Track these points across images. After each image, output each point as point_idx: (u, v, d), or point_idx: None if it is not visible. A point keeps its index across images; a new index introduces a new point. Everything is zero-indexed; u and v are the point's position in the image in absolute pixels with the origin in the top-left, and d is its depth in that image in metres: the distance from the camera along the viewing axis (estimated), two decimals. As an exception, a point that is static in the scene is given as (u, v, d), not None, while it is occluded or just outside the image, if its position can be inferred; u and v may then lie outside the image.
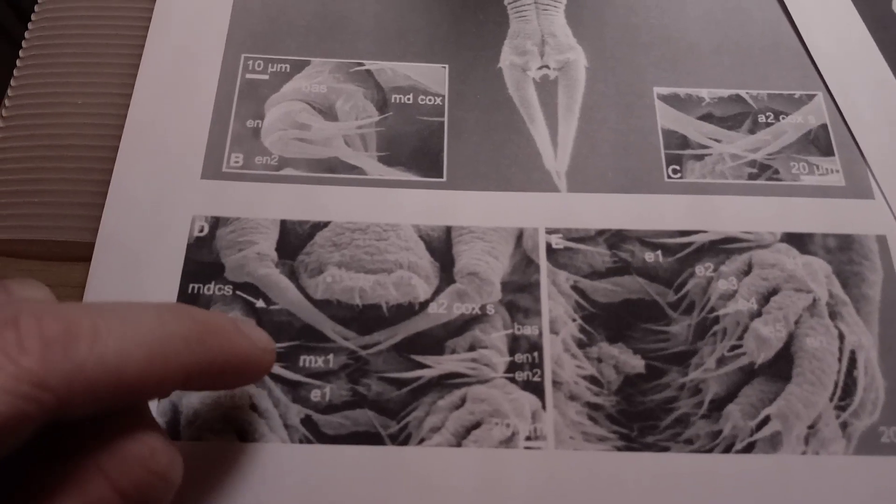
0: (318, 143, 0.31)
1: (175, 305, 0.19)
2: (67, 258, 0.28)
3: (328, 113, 0.31)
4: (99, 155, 0.30)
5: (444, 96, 0.32)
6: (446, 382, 0.26)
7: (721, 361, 0.27)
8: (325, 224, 0.29)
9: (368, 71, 0.32)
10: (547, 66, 0.33)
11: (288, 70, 0.32)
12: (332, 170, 0.30)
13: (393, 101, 0.32)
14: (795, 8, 0.34)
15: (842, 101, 0.32)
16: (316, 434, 0.25)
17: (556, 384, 0.27)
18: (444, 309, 0.28)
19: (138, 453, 0.17)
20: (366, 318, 0.27)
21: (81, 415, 0.16)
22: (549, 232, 0.29)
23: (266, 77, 0.32)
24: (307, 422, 0.26)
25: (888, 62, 0.33)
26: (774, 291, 0.28)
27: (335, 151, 0.30)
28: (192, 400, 0.26)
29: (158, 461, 0.17)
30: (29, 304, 0.16)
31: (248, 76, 0.32)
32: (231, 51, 0.32)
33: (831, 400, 0.27)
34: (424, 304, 0.28)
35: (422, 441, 0.25)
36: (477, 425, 0.26)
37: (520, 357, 0.27)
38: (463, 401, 0.26)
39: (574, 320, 0.28)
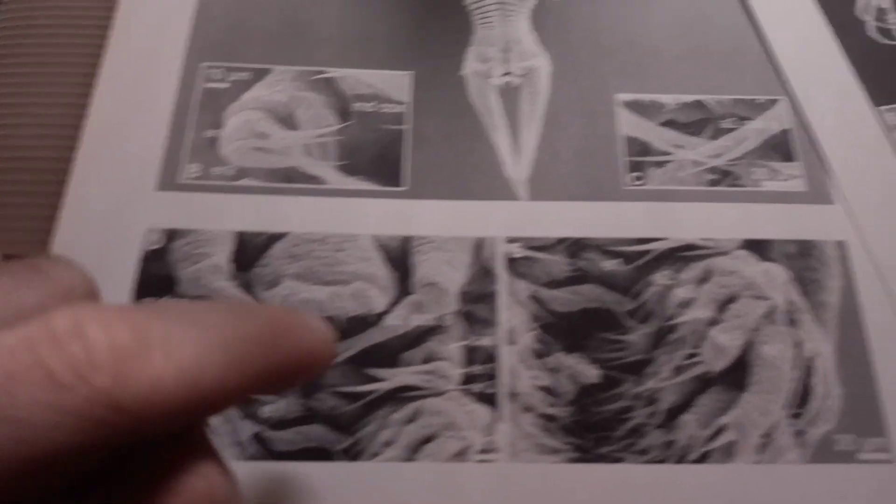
0: (277, 152, 0.30)
1: (243, 304, 0.17)
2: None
3: (288, 122, 0.31)
4: (56, 167, 0.30)
5: (406, 104, 0.32)
6: (400, 396, 0.26)
7: (677, 370, 0.27)
8: (283, 235, 0.29)
9: (330, 79, 0.32)
10: (510, 73, 0.33)
11: (248, 78, 0.32)
12: (291, 179, 0.30)
13: (354, 109, 0.32)
14: (760, 13, 0.34)
15: (805, 106, 0.32)
16: (267, 450, 0.25)
17: (512, 395, 0.27)
18: (400, 320, 0.28)
19: (198, 490, 0.15)
20: (321, 330, 0.27)
21: (153, 435, 0.14)
22: (509, 241, 0.29)
23: (226, 86, 0.32)
24: (258, 438, 0.26)
25: (852, 66, 0.33)
26: (732, 299, 0.28)
27: (294, 161, 0.30)
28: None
29: (218, 497, 0.15)
30: (88, 307, 0.14)
31: (208, 85, 0.32)
32: (191, 60, 0.32)
33: (787, 408, 0.27)
34: (381, 316, 0.28)
35: (374, 456, 0.25)
36: (430, 439, 0.26)
37: (475, 368, 0.27)
38: (417, 414, 0.26)
39: (531, 330, 0.28)
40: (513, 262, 0.29)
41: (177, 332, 0.14)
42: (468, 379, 0.27)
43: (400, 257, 0.29)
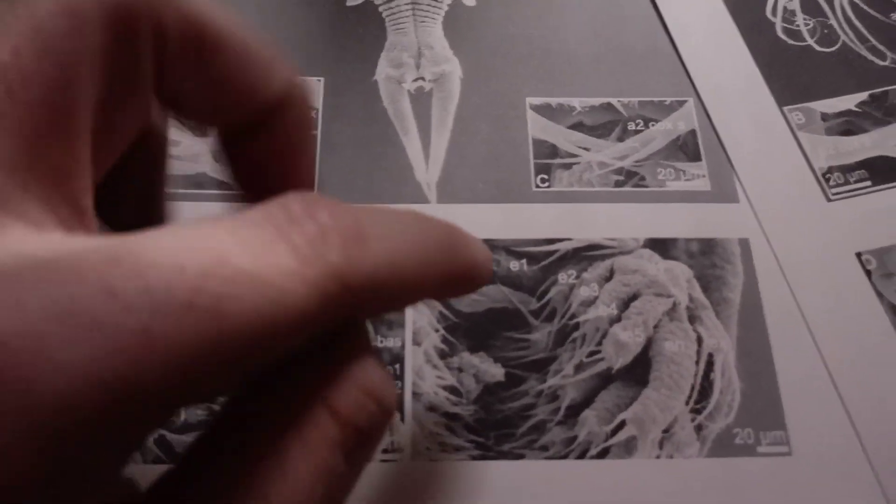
0: (187, 158, 0.31)
1: (425, 213, 0.17)
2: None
3: (198, 129, 0.31)
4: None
5: (317, 110, 0.32)
6: (305, 397, 0.27)
7: (579, 367, 0.27)
8: (190, 241, 0.29)
9: (243, 86, 0.32)
10: (422, 78, 0.33)
11: (161, 87, 0.32)
12: (200, 186, 0.30)
13: (266, 115, 0.32)
14: (669, 13, 0.35)
15: (711, 106, 0.33)
16: (169, 454, 0.25)
17: (416, 395, 0.27)
18: (306, 323, 0.28)
19: (360, 378, 0.15)
20: (225, 334, 0.27)
21: (356, 319, 0.15)
22: (417, 243, 0.29)
23: (138, 94, 0.32)
24: (160, 442, 0.26)
25: (759, 66, 0.34)
26: (635, 297, 0.29)
27: (203, 167, 0.30)
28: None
29: (379, 387, 0.15)
30: (316, 196, 0.14)
31: (120, 94, 0.32)
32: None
33: (687, 403, 0.27)
34: (286, 319, 0.28)
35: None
36: (334, 439, 0.26)
37: (381, 369, 0.27)
38: (321, 415, 0.26)
39: (437, 331, 0.28)
40: (420, 265, 0.29)
41: (386, 228, 0.15)
42: (373, 380, 0.27)
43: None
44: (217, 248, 0.12)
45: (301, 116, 0.18)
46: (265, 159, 0.18)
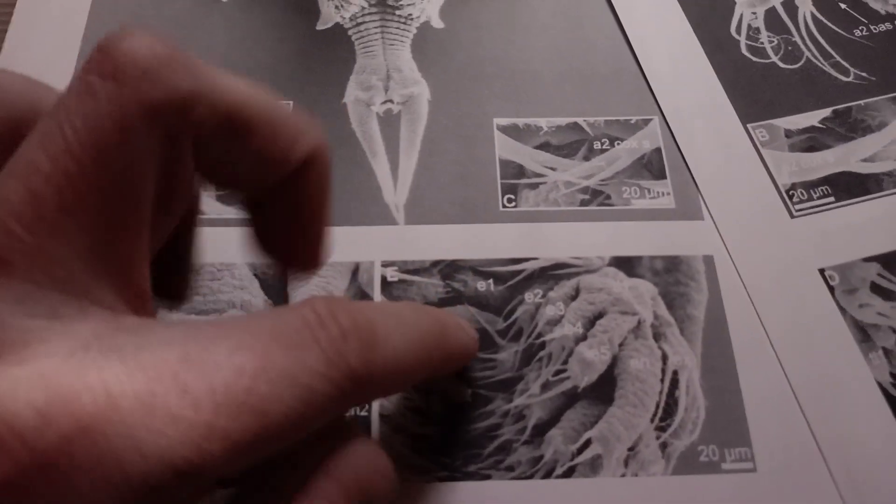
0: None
1: (419, 305, 0.21)
2: None
3: (168, 154, 0.31)
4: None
5: (287, 133, 0.32)
6: (272, 420, 0.27)
7: (545, 386, 0.28)
8: (158, 266, 0.29)
9: (212, 111, 0.33)
10: (391, 101, 0.33)
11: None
12: (169, 211, 0.30)
13: (235, 139, 0.32)
14: (634, 33, 0.35)
15: (675, 124, 0.33)
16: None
17: (383, 417, 0.27)
18: (274, 346, 0.28)
19: (364, 453, 0.18)
20: (193, 359, 0.27)
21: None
22: (385, 265, 0.30)
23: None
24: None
25: (723, 84, 0.34)
26: (600, 315, 0.29)
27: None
28: None
29: (382, 461, 0.18)
30: (338, 300, 0.17)
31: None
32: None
33: (652, 421, 0.27)
34: (254, 343, 0.28)
35: (243, 481, 0.26)
36: (301, 462, 0.26)
37: (348, 391, 0.27)
38: (288, 438, 0.26)
39: (404, 352, 0.28)
40: (388, 286, 0.29)
41: (391, 327, 0.18)
42: (340, 403, 0.27)
43: (277, 284, 0.29)
44: (264, 351, 0.15)
45: (321, 176, 0.19)
46: (285, 216, 0.20)
